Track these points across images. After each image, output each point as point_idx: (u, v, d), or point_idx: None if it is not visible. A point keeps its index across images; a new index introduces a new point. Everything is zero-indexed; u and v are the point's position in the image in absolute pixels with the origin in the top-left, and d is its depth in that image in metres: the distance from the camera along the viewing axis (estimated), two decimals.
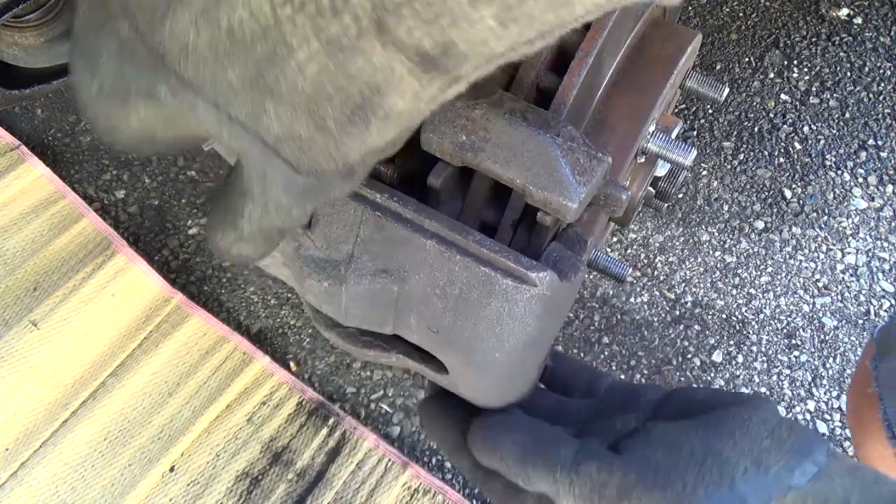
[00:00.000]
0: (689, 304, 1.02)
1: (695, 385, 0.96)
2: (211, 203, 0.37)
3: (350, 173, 0.34)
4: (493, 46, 0.28)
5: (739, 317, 1.01)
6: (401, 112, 0.31)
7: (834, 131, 1.16)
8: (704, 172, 1.12)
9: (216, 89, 0.30)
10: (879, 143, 1.15)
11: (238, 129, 0.31)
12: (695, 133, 1.16)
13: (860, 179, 1.12)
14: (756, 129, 1.16)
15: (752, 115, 1.17)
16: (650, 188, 0.67)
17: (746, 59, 1.22)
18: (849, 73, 1.21)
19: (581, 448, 0.48)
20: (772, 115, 1.17)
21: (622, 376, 0.97)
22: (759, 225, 1.08)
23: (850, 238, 1.07)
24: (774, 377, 0.97)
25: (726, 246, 1.06)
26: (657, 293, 1.02)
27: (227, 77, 0.29)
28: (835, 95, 1.19)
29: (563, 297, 0.47)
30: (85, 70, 0.32)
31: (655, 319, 1.00)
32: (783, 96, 1.19)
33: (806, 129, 1.16)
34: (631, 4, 0.31)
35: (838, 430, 0.94)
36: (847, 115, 1.17)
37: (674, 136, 0.60)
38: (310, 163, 0.33)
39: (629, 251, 1.05)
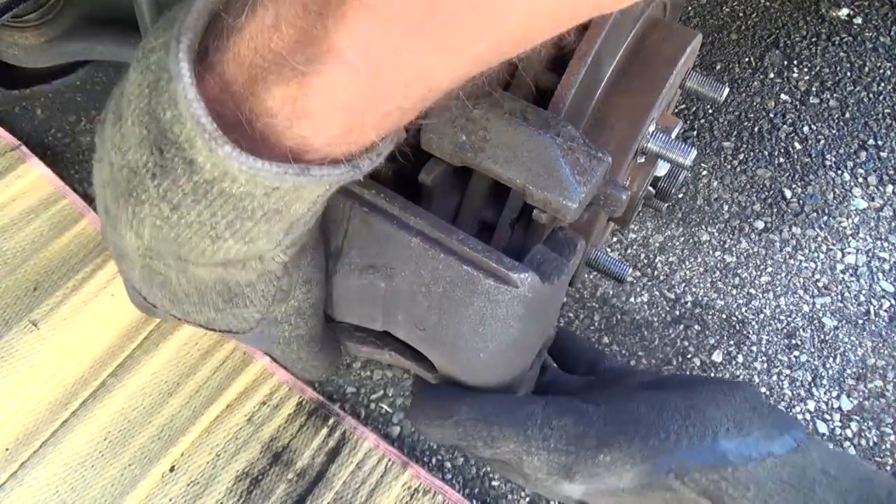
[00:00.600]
0: (689, 304, 1.02)
1: None
2: None
3: (273, 322, 0.44)
4: (256, 251, 0.38)
5: (739, 317, 1.01)
6: (256, 281, 0.40)
7: (834, 131, 1.16)
8: (704, 172, 1.12)
9: (162, 307, 0.44)
10: (879, 143, 1.15)
11: (199, 323, 0.45)
12: (695, 133, 1.16)
13: (860, 179, 1.12)
14: (756, 129, 1.16)
15: (752, 115, 1.17)
16: (650, 188, 0.67)
17: (746, 59, 1.22)
18: (849, 73, 1.21)
19: (550, 402, 0.47)
20: (772, 115, 1.17)
21: None
22: (759, 225, 1.08)
23: (850, 238, 1.07)
24: (774, 377, 0.97)
25: (726, 246, 1.06)
26: (657, 293, 1.02)
27: (158, 299, 0.42)
28: (835, 95, 1.19)
29: (547, 300, 0.46)
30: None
31: (655, 319, 1.00)
32: (783, 96, 1.19)
33: (806, 129, 1.16)
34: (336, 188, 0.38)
35: (838, 431, 0.94)
36: (847, 115, 1.17)
37: (674, 135, 0.60)
38: (237, 330, 0.44)
39: (629, 251, 1.05)
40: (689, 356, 0.98)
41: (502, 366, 0.48)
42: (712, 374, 0.97)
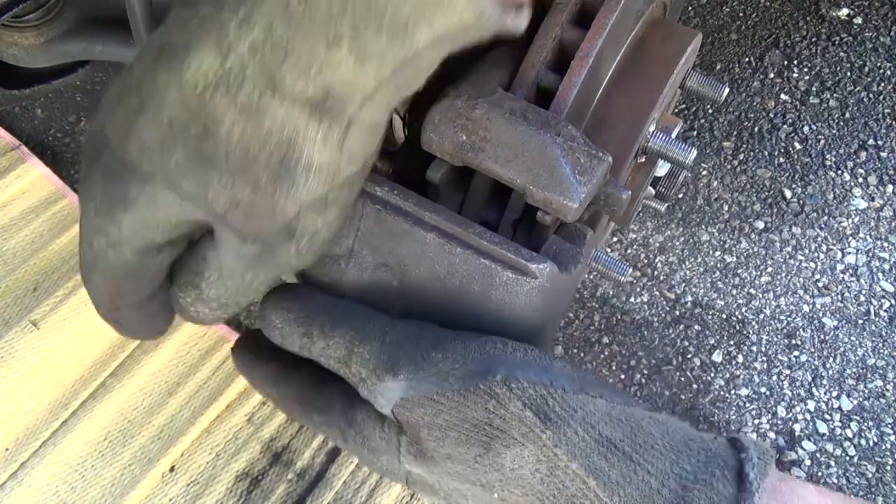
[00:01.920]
0: (689, 304, 1.02)
1: (694, 386, 0.96)
2: (178, 266, 0.44)
3: (290, 233, 0.40)
4: (362, 83, 0.35)
5: (739, 317, 1.01)
6: (320, 164, 0.37)
7: (834, 131, 1.16)
8: (704, 172, 1.12)
9: (165, 173, 0.37)
10: (879, 143, 1.15)
11: (189, 205, 0.38)
12: (695, 133, 1.16)
13: (860, 179, 1.12)
14: (756, 129, 1.16)
15: (752, 115, 1.17)
16: (650, 188, 0.67)
17: (746, 59, 1.22)
18: (849, 73, 1.21)
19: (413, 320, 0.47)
20: (772, 115, 1.17)
21: (622, 376, 0.97)
22: (759, 225, 1.08)
23: (850, 238, 1.07)
24: (774, 377, 0.98)
25: (726, 246, 1.07)
26: (657, 293, 1.02)
27: (172, 160, 0.36)
28: (835, 95, 1.19)
29: (564, 289, 0.47)
30: (86, 201, 0.40)
31: (655, 319, 1.00)
32: (783, 96, 1.19)
33: (806, 129, 1.16)
34: (466, 41, 0.36)
35: (838, 430, 0.94)
36: (847, 115, 1.17)
37: (674, 135, 0.60)
38: (254, 227, 0.39)
39: (629, 251, 1.05)
40: (689, 356, 0.98)
41: None
42: (712, 375, 0.97)
